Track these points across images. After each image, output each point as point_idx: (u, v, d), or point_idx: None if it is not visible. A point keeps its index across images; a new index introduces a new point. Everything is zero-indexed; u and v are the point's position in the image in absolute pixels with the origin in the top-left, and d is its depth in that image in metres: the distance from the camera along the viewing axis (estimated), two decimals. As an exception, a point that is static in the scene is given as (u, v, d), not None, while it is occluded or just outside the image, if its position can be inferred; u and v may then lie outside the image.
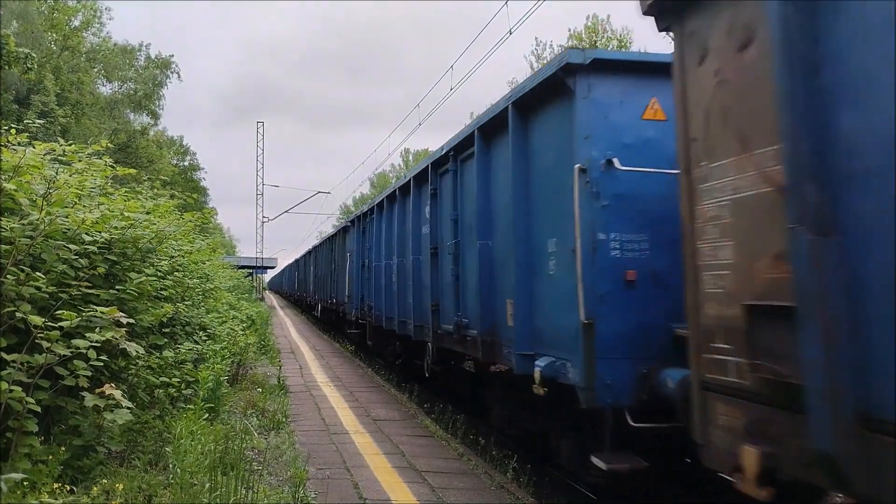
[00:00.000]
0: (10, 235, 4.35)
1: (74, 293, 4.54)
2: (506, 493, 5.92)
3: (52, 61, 33.87)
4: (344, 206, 73.22)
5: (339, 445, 7.35)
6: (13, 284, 4.16)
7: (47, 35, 36.08)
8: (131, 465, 4.93)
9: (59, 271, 4.66)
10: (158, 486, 4.59)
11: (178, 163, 54.39)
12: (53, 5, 37.42)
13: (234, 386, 9.72)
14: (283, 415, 8.29)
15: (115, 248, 5.54)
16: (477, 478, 6.36)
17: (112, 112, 42.03)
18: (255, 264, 53.40)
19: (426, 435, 8.15)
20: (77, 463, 4.48)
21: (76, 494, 4.03)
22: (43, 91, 29.87)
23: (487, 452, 7.51)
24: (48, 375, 4.11)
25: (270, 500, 4.99)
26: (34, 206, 4.73)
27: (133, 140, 41.33)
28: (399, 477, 6.20)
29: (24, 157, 4.98)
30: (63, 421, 4.56)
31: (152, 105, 45.27)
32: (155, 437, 5.53)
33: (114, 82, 44.48)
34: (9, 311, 4.05)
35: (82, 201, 5.61)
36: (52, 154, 5.59)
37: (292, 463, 6.14)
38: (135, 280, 5.45)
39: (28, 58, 20.08)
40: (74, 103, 35.20)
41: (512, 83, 42.25)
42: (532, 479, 6.44)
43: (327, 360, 16.20)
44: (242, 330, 11.71)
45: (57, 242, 4.75)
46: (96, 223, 5.24)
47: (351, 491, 5.71)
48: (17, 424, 3.85)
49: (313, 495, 5.39)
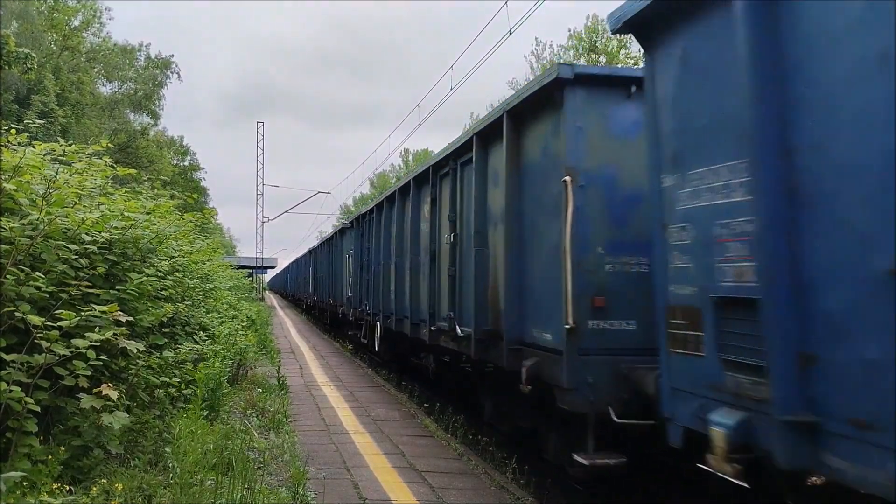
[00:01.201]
0: (9, 235, 4.35)
1: (74, 293, 4.54)
2: (506, 493, 5.92)
3: (52, 61, 33.88)
4: (344, 206, 73.20)
5: (339, 445, 7.35)
6: (13, 284, 4.16)
7: (47, 35, 36.12)
8: (131, 465, 4.92)
9: (59, 271, 4.65)
10: (158, 486, 4.59)
11: (178, 163, 54.38)
12: (53, 5, 37.45)
13: (234, 386, 9.72)
14: (283, 415, 8.29)
15: (115, 248, 5.54)
16: (477, 478, 6.36)
17: (112, 112, 42.05)
18: (255, 264, 53.40)
19: (426, 435, 8.15)
20: (77, 463, 4.48)
21: (76, 494, 4.03)
22: (43, 91, 29.88)
23: (487, 452, 7.51)
24: (48, 375, 4.10)
25: (270, 500, 4.99)
26: (34, 206, 4.73)
27: (133, 140, 41.35)
28: (399, 477, 6.20)
29: (24, 157, 4.98)
30: (63, 421, 4.56)
31: (152, 105, 45.32)
32: (155, 437, 5.53)
33: (114, 82, 44.57)
34: (8, 311, 4.04)
35: (82, 201, 5.60)
36: (52, 154, 5.59)
37: (292, 463, 6.14)
38: (135, 280, 5.45)
39: (28, 58, 20.10)
40: (74, 103, 35.22)
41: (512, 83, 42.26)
42: (532, 479, 6.44)
43: (327, 360, 16.20)
44: (242, 330, 11.71)
45: (57, 242, 4.75)
46: (96, 223, 5.23)
47: (351, 491, 5.71)
48: (17, 424, 3.84)
49: (313, 495, 5.38)
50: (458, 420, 8.84)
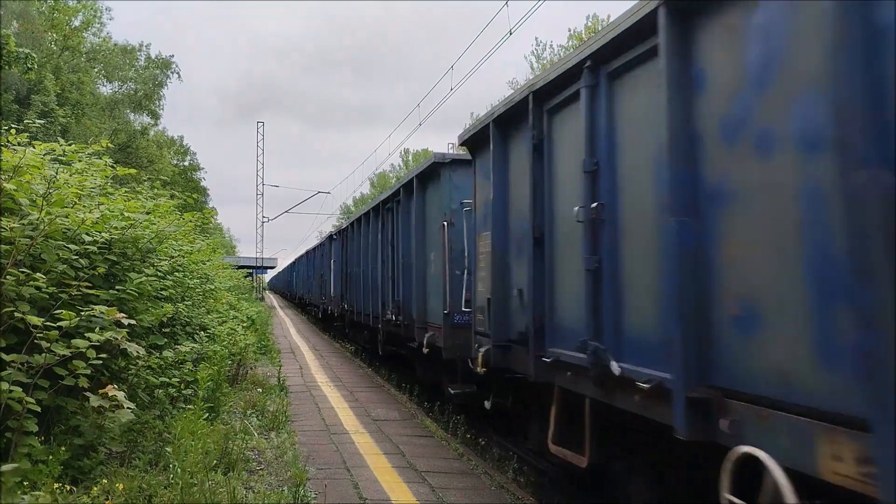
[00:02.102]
0: (10, 235, 4.35)
1: (74, 293, 4.54)
2: (506, 492, 5.93)
3: (52, 61, 33.86)
4: (344, 206, 73.20)
5: (339, 445, 7.36)
6: (13, 284, 4.16)
7: (47, 35, 36.08)
8: (131, 465, 4.93)
9: (59, 271, 4.65)
10: (158, 486, 4.59)
11: (177, 163, 54.35)
12: (53, 5, 37.39)
13: (234, 386, 9.73)
14: (283, 415, 8.29)
15: (115, 248, 5.54)
16: (477, 478, 6.36)
17: (112, 112, 42.02)
18: (255, 264, 53.38)
19: (426, 435, 8.15)
20: (77, 463, 4.48)
21: (76, 494, 4.04)
22: (43, 91, 29.85)
23: (487, 452, 7.51)
24: (48, 375, 4.11)
25: (270, 500, 4.99)
26: (34, 206, 4.73)
27: (133, 140, 41.32)
28: (399, 477, 6.20)
29: (24, 157, 4.98)
30: (63, 421, 4.56)
31: (152, 105, 45.27)
32: (155, 437, 5.54)
33: (114, 82, 44.51)
34: (8, 311, 4.05)
35: (82, 201, 5.61)
36: (52, 154, 5.59)
37: (292, 463, 6.14)
38: (135, 280, 5.45)
39: (28, 58, 20.08)
40: (74, 103, 35.20)
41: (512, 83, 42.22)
42: (531, 479, 6.44)
43: (327, 360, 16.21)
44: (242, 330, 11.71)
45: (57, 242, 4.75)
46: (96, 223, 5.24)
47: (351, 491, 5.71)
48: (17, 424, 3.85)
49: (313, 495, 5.39)
50: (458, 420, 8.84)
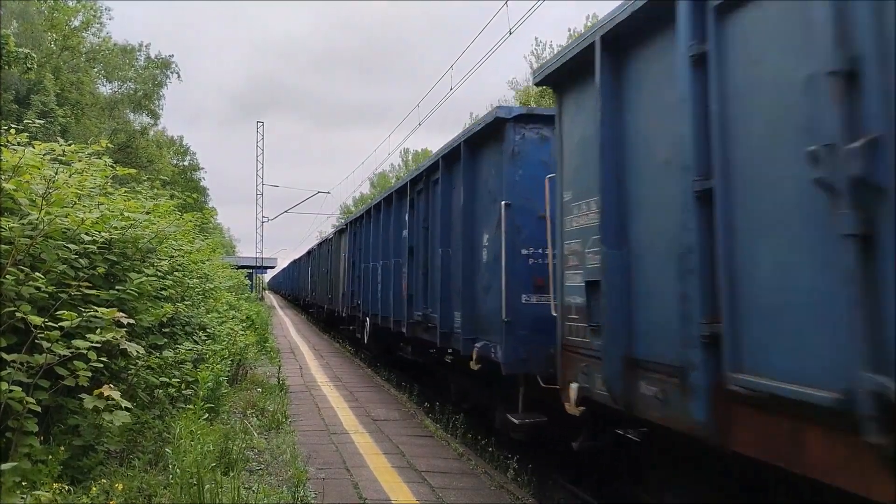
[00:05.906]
0: (9, 235, 4.35)
1: (74, 293, 4.54)
2: (506, 493, 5.92)
3: (52, 61, 33.86)
4: (344, 206, 73.25)
5: (338, 445, 7.35)
6: (13, 284, 4.16)
7: (47, 35, 36.08)
8: (131, 465, 4.93)
9: (59, 271, 4.65)
10: (158, 486, 4.59)
11: (177, 163, 54.33)
12: (53, 5, 37.38)
13: (234, 386, 9.72)
14: (283, 415, 8.28)
15: (115, 248, 5.54)
16: (477, 478, 6.36)
17: (112, 112, 42.03)
18: (254, 264, 53.35)
19: (426, 435, 8.15)
20: (77, 463, 4.48)
21: (75, 494, 4.03)
22: (43, 91, 29.86)
23: (487, 452, 7.51)
24: (48, 375, 4.10)
25: (270, 500, 4.99)
26: (34, 205, 4.72)
27: (133, 140, 41.31)
28: (399, 477, 6.20)
29: (24, 156, 4.98)
30: (63, 421, 4.56)
31: (152, 105, 45.27)
32: (155, 437, 5.53)
33: (114, 82, 44.51)
34: (9, 311, 4.04)
35: (82, 201, 5.61)
36: (51, 154, 5.58)
37: (292, 463, 6.14)
38: (135, 280, 5.45)
39: (28, 58, 20.08)
40: (74, 103, 35.20)
41: (512, 83, 42.24)
42: (532, 479, 6.44)
43: (327, 360, 16.20)
44: (242, 330, 11.71)
45: (57, 242, 4.75)
46: (96, 223, 5.23)
47: (351, 491, 5.71)
48: (17, 424, 3.84)
49: (313, 495, 5.38)
50: (458, 420, 8.84)
